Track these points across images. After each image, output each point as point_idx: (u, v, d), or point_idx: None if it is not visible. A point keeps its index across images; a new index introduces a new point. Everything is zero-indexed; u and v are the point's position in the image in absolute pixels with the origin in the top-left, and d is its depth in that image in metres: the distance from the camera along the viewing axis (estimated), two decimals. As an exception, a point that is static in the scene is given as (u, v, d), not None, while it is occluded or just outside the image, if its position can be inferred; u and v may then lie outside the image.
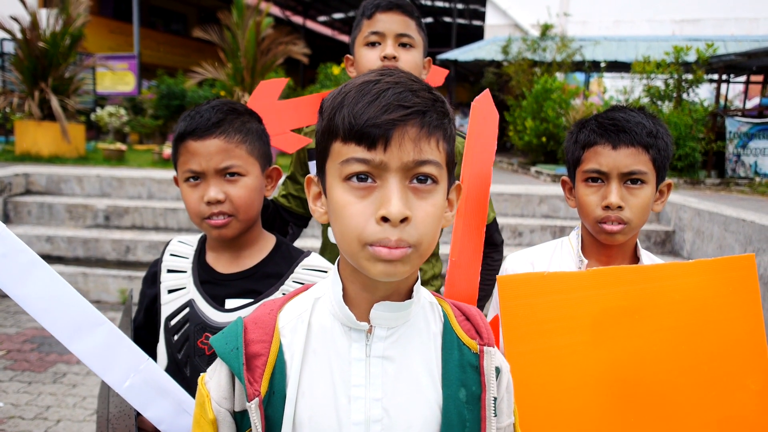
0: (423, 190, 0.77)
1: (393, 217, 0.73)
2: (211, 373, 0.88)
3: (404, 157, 0.74)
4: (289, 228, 1.79)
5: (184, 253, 1.37)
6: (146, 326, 1.39)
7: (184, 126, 1.26)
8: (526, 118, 11.90)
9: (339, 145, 0.77)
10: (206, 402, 0.85)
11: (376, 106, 0.75)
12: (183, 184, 1.28)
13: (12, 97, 9.17)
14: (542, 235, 5.85)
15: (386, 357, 0.83)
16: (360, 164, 0.75)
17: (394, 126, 0.74)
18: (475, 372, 0.86)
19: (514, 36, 14.70)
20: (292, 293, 0.93)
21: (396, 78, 0.79)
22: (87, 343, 1.06)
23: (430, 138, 0.76)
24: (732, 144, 10.56)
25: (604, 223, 1.32)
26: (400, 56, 1.65)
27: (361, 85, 0.78)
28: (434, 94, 0.80)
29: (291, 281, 1.31)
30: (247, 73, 10.33)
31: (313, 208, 0.88)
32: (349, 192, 0.77)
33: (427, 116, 0.76)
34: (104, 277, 5.33)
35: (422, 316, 0.88)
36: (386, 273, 0.76)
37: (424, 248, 0.78)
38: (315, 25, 28.97)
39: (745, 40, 14.64)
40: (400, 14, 1.67)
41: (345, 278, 0.85)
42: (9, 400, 3.42)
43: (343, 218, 0.77)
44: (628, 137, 1.29)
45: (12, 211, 6.32)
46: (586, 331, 1.17)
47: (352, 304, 0.84)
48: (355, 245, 0.76)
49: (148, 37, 20.20)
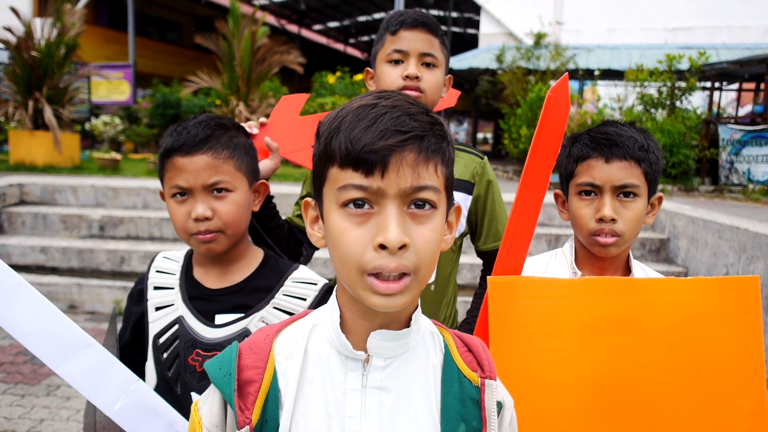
0: (421, 216, 0.76)
1: (391, 245, 0.72)
2: (205, 399, 0.86)
3: (402, 183, 0.73)
4: (303, 249, 1.76)
5: (171, 269, 1.36)
6: (132, 345, 1.38)
7: (171, 142, 1.25)
8: (521, 126, 11.94)
9: (336, 170, 0.76)
10: (197, 429, 0.83)
11: (373, 131, 0.73)
12: (170, 199, 1.27)
13: (6, 106, 9.15)
14: (537, 244, 5.86)
15: (383, 388, 0.81)
16: (357, 191, 0.74)
17: (392, 152, 0.73)
18: (475, 406, 0.83)
19: (508, 44, 14.77)
20: (290, 319, 0.91)
21: (393, 101, 0.77)
22: (75, 367, 1.05)
23: (428, 163, 0.75)
24: (725, 151, 10.62)
25: (597, 235, 1.34)
26: (423, 76, 1.62)
27: (358, 109, 0.77)
28: (433, 117, 0.79)
29: (281, 294, 1.30)
30: (242, 82, 10.34)
31: (310, 233, 0.86)
32: (347, 219, 0.75)
33: (425, 141, 0.75)
34: (99, 288, 5.30)
35: (422, 345, 0.86)
36: (384, 305, 0.75)
37: (422, 274, 0.76)
38: (310, 34, 29.08)
39: (737, 48, 14.76)
40: (424, 32, 1.63)
41: (342, 305, 0.83)
42: (2, 413, 3.39)
43: (340, 245, 0.76)
44: (620, 151, 1.32)
45: (6, 222, 6.29)
46: (574, 336, 1.17)
47: (350, 332, 0.82)
48: (354, 273, 0.75)
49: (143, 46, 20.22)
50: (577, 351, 1.17)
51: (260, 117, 1.71)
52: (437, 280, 1.72)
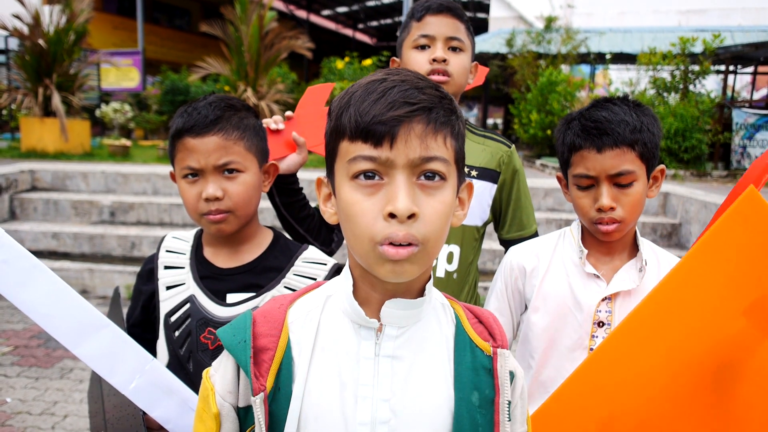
0: (431, 187, 0.76)
1: (400, 213, 0.73)
2: (217, 366, 0.87)
3: (411, 153, 0.74)
4: (334, 235, 1.77)
5: (181, 249, 1.37)
6: (142, 323, 1.39)
7: (182, 123, 1.25)
8: (531, 111, 11.85)
9: (346, 144, 0.78)
10: (210, 395, 0.84)
11: (381, 103, 0.75)
12: (181, 180, 1.28)
13: (16, 94, 9.19)
14: (548, 228, 5.83)
15: (396, 356, 0.82)
16: (367, 162, 0.75)
17: (400, 122, 0.74)
18: (488, 375, 0.84)
19: (518, 28, 14.62)
20: (304, 289, 0.92)
21: (402, 77, 0.79)
22: (91, 347, 1.05)
23: (436, 134, 0.76)
24: (738, 136, 10.48)
25: (599, 223, 1.34)
26: (450, 60, 1.62)
27: (368, 85, 0.78)
28: (441, 92, 0.79)
29: (292, 274, 1.31)
30: (250, 68, 10.31)
31: (323, 209, 0.87)
32: (357, 190, 0.77)
33: (433, 113, 0.76)
34: (110, 273, 5.35)
35: (434, 316, 0.87)
36: (394, 273, 0.76)
37: (431, 246, 0.77)
38: (319, 19, 28.92)
39: (753, 30, 14.50)
40: (450, 17, 1.64)
41: (356, 276, 0.84)
42: (16, 395, 3.44)
43: (352, 217, 0.77)
44: (611, 139, 1.29)
45: (18, 208, 6.35)
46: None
47: (363, 302, 0.82)
48: (366, 244, 0.76)
49: (152, 33, 20.21)
50: None
51: (286, 111, 1.70)
52: (459, 268, 1.72)
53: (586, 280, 1.39)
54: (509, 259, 1.52)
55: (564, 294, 1.40)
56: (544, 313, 1.43)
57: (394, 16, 27.09)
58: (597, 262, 1.41)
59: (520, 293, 1.50)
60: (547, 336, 1.41)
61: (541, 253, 1.47)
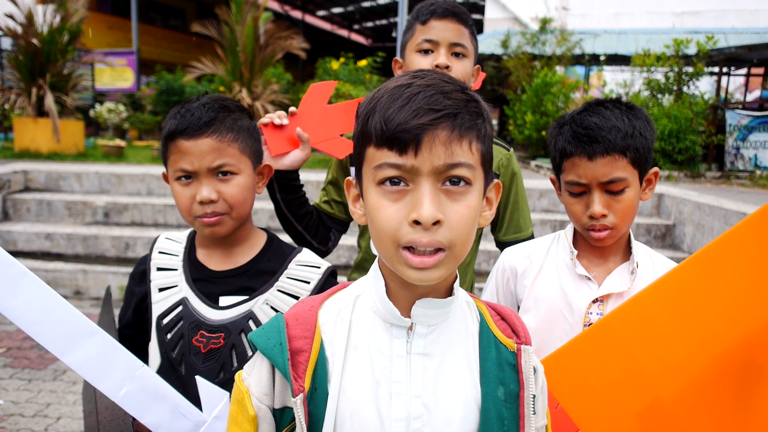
0: (456, 192, 0.78)
1: (424, 221, 0.74)
2: (250, 370, 0.88)
3: (435, 161, 0.75)
4: (331, 234, 1.77)
5: (174, 251, 1.36)
6: (134, 324, 1.38)
7: (175, 124, 1.24)
8: (526, 112, 11.87)
9: (372, 150, 0.79)
10: (246, 398, 0.86)
11: (406, 110, 0.75)
12: (174, 182, 1.27)
13: (10, 94, 9.14)
14: (542, 230, 5.84)
15: (426, 354, 0.84)
16: (392, 169, 0.77)
17: (425, 130, 0.75)
18: (513, 370, 0.87)
19: (513, 30, 14.64)
20: (332, 290, 0.94)
21: (428, 80, 0.79)
22: (80, 354, 1.05)
23: (461, 140, 0.77)
24: (732, 137, 10.53)
25: (591, 230, 1.34)
26: (453, 66, 1.62)
27: (394, 90, 0.79)
28: (468, 95, 0.80)
29: (285, 277, 1.30)
30: (245, 69, 10.29)
31: (353, 210, 0.90)
32: (383, 196, 0.78)
33: (458, 118, 0.77)
34: (104, 274, 5.32)
35: (460, 314, 0.89)
36: (419, 278, 0.78)
37: (458, 250, 0.79)
38: (314, 20, 28.88)
39: (746, 32, 14.57)
40: (454, 22, 1.64)
41: (386, 275, 0.86)
42: (9, 397, 3.42)
43: (377, 221, 0.79)
44: (601, 147, 1.28)
45: (11, 209, 6.32)
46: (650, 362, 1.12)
47: (394, 301, 0.84)
48: (390, 247, 0.78)
49: (146, 33, 20.13)
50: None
51: (288, 107, 1.69)
52: (458, 269, 1.72)
53: (578, 282, 1.39)
54: (502, 260, 1.53)
55: (555, 295, 1.40)
56: (535, 314, 1.43)
57: (390, 17, 27.07)
58: (590, 264, 1.41)
59: (512, 294, 1.50)
60: (538, 337, 1.41)
61: (533, 255, 1.48)
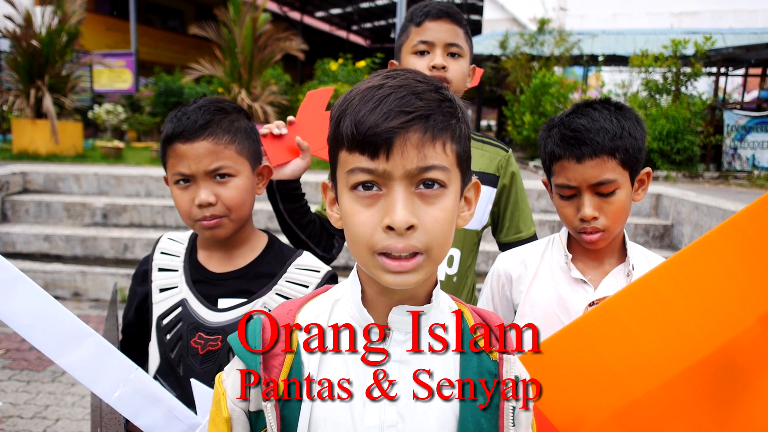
0: (430, 196, 0.76)
1: (397, 226, 0.73)
2: (228, 371, 0.88)
3: (408, 164, 0.73)
4: (335, 241, 1.76)
5: (175, 251, 1.37)
6: (136, 324, 1.39)
7: (172, 128, 1.24)
8: (525, 112, 11.87)
9: (345, 154, 0.77)
10: (222, 400, 0.85)
11: (377, 113, 0.73)
12: (173, 186, 1.27)
13: (8, 95, 9.14)
14: (541, 230, 5.84)
15: (404, 361, 0.82)
16: (364, 174, 0.75)
17: (396, 133, 0.73)
18: (494, 380, 0.84)
19: (511, 30, 14.64)
20: (312, 294, 0.93)
21: (400, 81, 0.77)
22: (74, 356, 1.06)
23: (435, 142, 0.75)
24: (729, 137, 10.54)
25: (583, 233, 1.33)
26: (449, 66, 1.63)
27: (365, 91, 0.77)
28: (442, 94, 0.78)
29: (284, 281, 1.30)
30: (244, 70, 10.30)
31: (329, 213, 0.88)
32: (356, 201, 0.77)
33: (431, 120, 0.74)
34: (102, 275, 5.32)
35: (441, 321, 0.87)
36: (398, 283, 0.76)
37: (435, 253, 0.77)
38: (312, 21, 28.89)
39: (744, 32, 14.59)
40: (449, 23, 1.64)
41: (363, 281, 0.84)
42: (8, 399, 3.42)
43: (351, 226, 0.77)
44: (590, 149, 1.27)
45: (9, 210, 6.31)
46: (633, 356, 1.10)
47: (371, 307, 0.83)
48: (365, 253, 0.76)
49: (145, 35, 20.12)
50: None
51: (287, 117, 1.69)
52: (459, 271, 1.73)
53: (574, 286, 1.38)
54: (496, 266, 1.51)
55: (551, 300, 1.39)
56: (531, 319, 1.41)
57: (388, 18, 27.10)
58: (585, 267, 1.40)
59: (508, 300, 1.49)
60: None
61: (528, 260, 1.46)
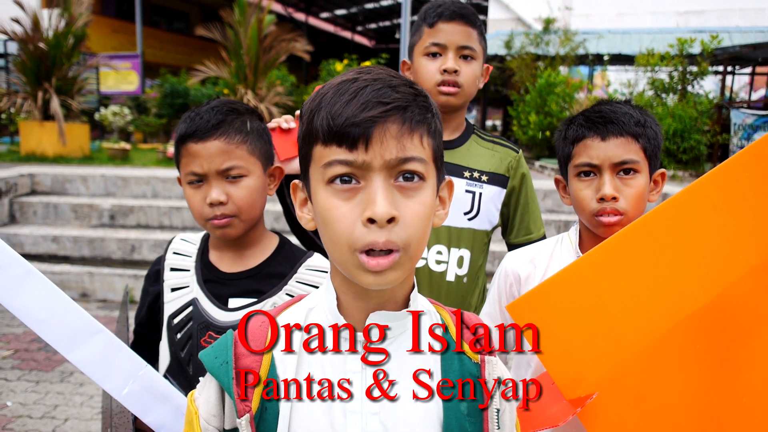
0: (410, 188, 0.74)
1: (379, 218, 0.70)
2: (201, 389, 0.85)
3: (387, 155, 0.72)
4: None
5: (188, 252, 1.38)
6: (148, 323, 1.40)
7: (185, 128, 1.26)
8: (530, 112, 11.86)
9: (320, 148, 0.75)
10: (195, 420, 0.82)
11: (354, 104, 0.72)
12: (186, 185, 1.29)
13: (16, 98, 9.19)
14: (547, 230, 5.79)
15: (392, 364, 0.80)
16: (342, 166, 0.73)
17: (374, 123, 0.71)
18: (477, 382, 0.82)
19: (516, 30, 14.63)
20: (285, 304, 0.91)
21: (374, 75, 0.76)
22: (85, 352, 1.06)
23: (413, 134, 0.74)
24: (736, 136, 10.50)
25: (600, 215, 1.30)
26: (461, 69, 1.61)
27: (339, 85, 0.75)
28: (416, 89, 0.77)
29: (294, 281, 1.31)
30: (249, 71, 10.32)
31: (299, 215, 0.85)
32: (334, 195, 0.74)
33: (408, 111, 0.73)
34: (110, 276, 5.35)
35: (430, 322, 0.85)
36: (377, 282, 0.74)
37: (413, 249, 0.75)
38: (317, 22, 28.93)
39: (751, 31, 14.52)
40: (463, 25, 1.61)
41: (337, 287, 0.82)
42: (17, 399, 3.44)
43: (329, 223, 0.75)
44: (616, 128, 1.29)
45: (18, 212, 6.35)
46: (627, 301, 1.07)
47: (346, 314, 0.81)
48: (345, 251, 0.74)
49: (151, 36, 20.21)
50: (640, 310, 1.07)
51: (284, 114, 1.69)
52: (469, 272, 1.72)
53: None
54: (504, 265, 1.50)
55: None
56: None
57: (393, 18, 27.10)
58: None
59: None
60: None
61: (536, 260, 1.45)
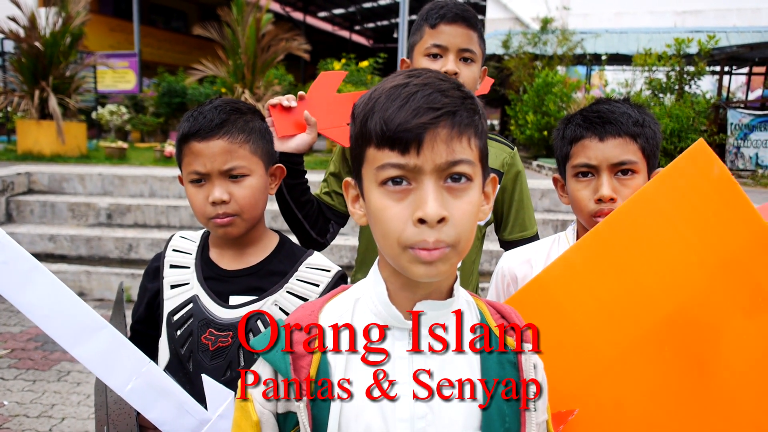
0: (458, 189, 0.78)
1: (430, 219, 0.75)
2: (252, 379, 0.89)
3: (437, 159, 0.76)
4: (330, 226, 1.77)
5: (187, 249, 1.38)
6: (146, 320, 1.40)
7: (188, 127, 1.26)
8: (528, 112, 11.87)
9: (373, 150, 0.79)
10: (249, 404, 0.87)
11: (406, 110, 0.76)
12: (188, 184, 1.29)
13: (13, 96, 9.18)
14: (544, 230, 5.84)
15: (428, 354, 0.85)
16: (395, 169, 0.77)
17: (426, 129, 0.75)
18: (513, 368, 0.88)
19: (514, 30, 14.64)
20: (330, 295, 0.94)
21: (424, 79, 0.80)
22: (89, 348, 1.07)
23: (461, 137, 0.78)
24: (733, 136, 10.53)
25: (598, 216, 1.29)
26: (461, 71, 1.62)
27: (391, 90, 0.79)
28: (464, 92, 0.81)
29: (295, 279, 1.32)
30: (247, 70, 10.31)
31: (352, 211, 0.90)
32: (386, 196, 0.79)
33: (457, 116, 0.77)
34: (107, 275, 5.34)
35: (470, 317, 0.89)
36: (427, 274, 0.78)
37: (462, 246, 0.79)
38: (315, 21, 28.92)
39: (748, 31, 14.56)
40: (464, 27, 1.62)
41: (386, 278, 0.86)
42: (13, 398, 3.44)
43: (382, 222, 0.79)
44: (614, 128, 1.28)
45: (14, 211, 6.34)
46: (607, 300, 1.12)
47: (394, 304, 0.85)
48: (396, 248, 0.78)
49: (148, 35, 20.18)
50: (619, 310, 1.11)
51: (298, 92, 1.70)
52: (463, 267, 1.73)
53: None
54: (501, 265, 1.50)
55: None
56: None
57: (391, 18, 27.09)
58: None
59: None
60: None
61: (533, 260, 1.44)
